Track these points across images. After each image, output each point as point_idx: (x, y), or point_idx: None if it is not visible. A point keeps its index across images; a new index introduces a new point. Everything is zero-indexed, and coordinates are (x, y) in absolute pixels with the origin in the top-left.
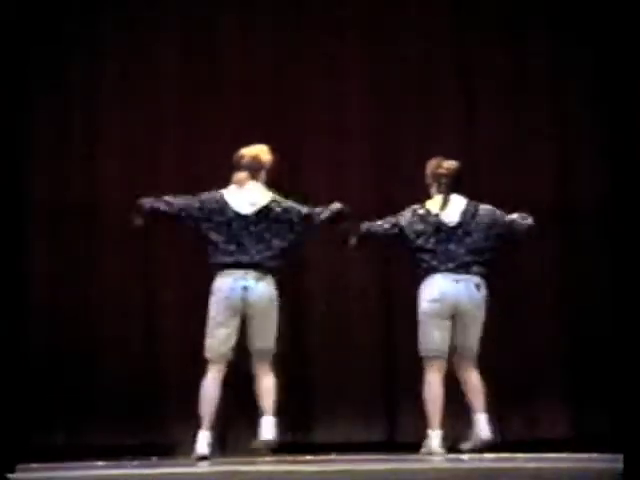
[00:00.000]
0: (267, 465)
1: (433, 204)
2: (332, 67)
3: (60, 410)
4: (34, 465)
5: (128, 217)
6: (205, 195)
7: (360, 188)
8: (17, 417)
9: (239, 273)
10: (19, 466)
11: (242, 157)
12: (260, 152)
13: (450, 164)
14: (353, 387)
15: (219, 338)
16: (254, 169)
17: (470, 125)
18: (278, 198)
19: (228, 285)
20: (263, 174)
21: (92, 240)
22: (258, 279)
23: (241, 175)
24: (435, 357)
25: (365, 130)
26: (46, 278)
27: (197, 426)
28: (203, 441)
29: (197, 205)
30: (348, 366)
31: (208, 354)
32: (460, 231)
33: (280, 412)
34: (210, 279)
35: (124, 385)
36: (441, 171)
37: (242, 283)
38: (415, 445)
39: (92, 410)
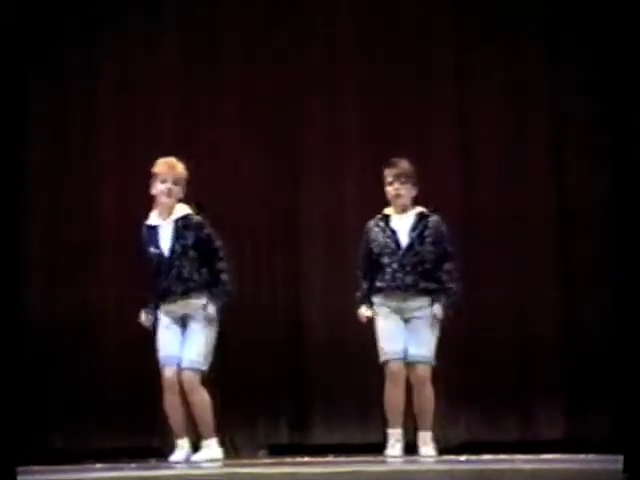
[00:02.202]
0: (264, 467)
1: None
2: (332, 67)
3: (59, 413)
4: (34, 468)
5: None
6: None
7: (359, 190)
8: (16, 420)
9: None
10: (19, 469)
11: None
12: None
13: None
14: (351, 389)
15: None
16: None
17: (469, 126)
18: None
19: None
20: None
21: (91, 240)
22: None
23: None
24: None
25: (365, 131)
26: (45, 279)
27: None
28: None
29: None
30: (346, 368)
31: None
32: None
33: (278, 413)
34: None
35: (123, 388)
36: None
37: None
38: (412, 446)
39: (91, 413)
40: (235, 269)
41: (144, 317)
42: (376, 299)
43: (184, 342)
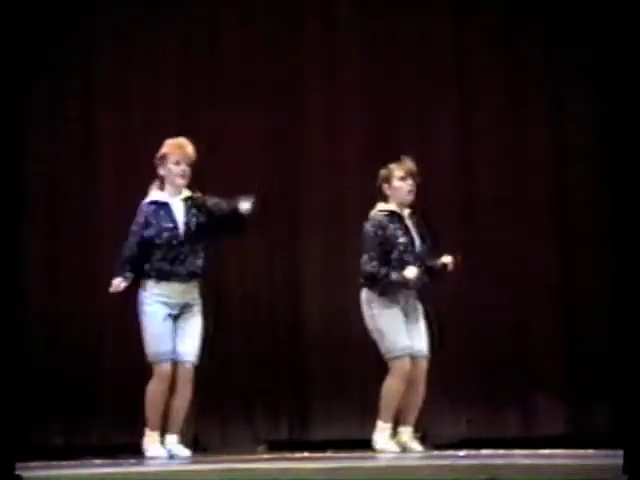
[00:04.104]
0: (263, 462)
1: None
2: (332, 67)
3: (58, 409)
4: (32, 464)
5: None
6: None
7: (359, 189)
8: (16, 416)
9: None
10: (18, 465)
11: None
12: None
13: None
14: (351, 384)
15: None
16: None
17: (468, 125)
18: None
19: None
20: None
21: (91, 240)
22: None
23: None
24: None
25: (365, 130)
26: (44, 277)
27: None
28: None
29: None
30: (345, 364)
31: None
32: None
33: (278, 409)
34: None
35: (122, 384)
36: None
37: None
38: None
39: (90, 409)
40: (234, 266)
41: (118, 280)
42: (388, 297)
43: (183, 335)
